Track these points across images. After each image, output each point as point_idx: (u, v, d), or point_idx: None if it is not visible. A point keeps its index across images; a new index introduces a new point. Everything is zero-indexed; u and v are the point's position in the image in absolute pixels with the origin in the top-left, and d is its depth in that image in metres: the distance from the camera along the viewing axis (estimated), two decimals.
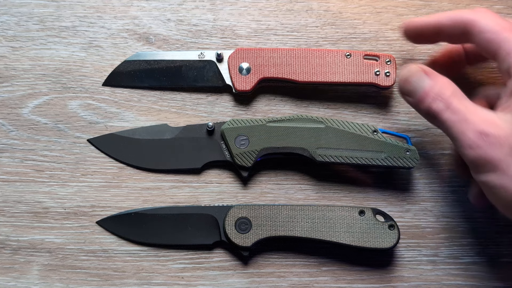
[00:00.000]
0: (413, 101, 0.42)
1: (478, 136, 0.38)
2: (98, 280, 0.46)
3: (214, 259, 0.46)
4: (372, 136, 0.46)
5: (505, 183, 0.37)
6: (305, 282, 0.46)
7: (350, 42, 0.51)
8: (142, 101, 0.50)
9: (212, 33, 0.51)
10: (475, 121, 0.38)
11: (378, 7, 0.52)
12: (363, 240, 0.44)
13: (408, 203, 0.48)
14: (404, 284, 0.46)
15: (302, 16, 0.52)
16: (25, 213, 0.47)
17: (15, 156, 0.48)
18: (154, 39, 0.51)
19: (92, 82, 0.50)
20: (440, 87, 0.41)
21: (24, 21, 0.51)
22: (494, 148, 0.37)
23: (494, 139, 0.38)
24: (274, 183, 0.48)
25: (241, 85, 0.49)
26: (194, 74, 0.50)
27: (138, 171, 0.48)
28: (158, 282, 0.46)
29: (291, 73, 0.48)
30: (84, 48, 0.50)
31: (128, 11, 0.51)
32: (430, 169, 0.48)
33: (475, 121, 0.38)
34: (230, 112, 0.50)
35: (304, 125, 0.47)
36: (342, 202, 0.48)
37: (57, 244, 0.46)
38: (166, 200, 0.48)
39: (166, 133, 0.48)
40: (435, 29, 0.44)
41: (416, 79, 0.42)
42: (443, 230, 0.47)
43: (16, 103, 0.49)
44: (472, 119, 0.39)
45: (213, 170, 0.48)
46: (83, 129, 0.49)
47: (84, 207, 0.47)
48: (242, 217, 0.45)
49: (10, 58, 0.50)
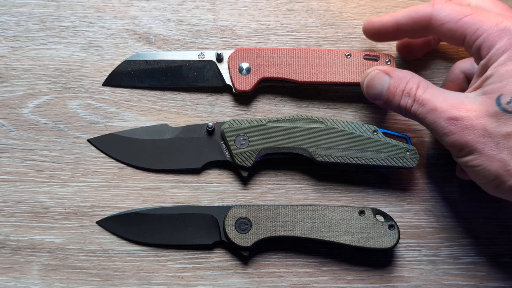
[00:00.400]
0: (382, 103, 0.43)
1: (450, 122, 0.39)
2: (98, 280, 0.46)
3: (214, 259, 0.46)
4: (372, 136, 0.46)
5: (483, 162, 0.39)
6: (305, 282, 0.46)
7: (350, 42, 0.51)
8: (142, 101, 0.50)
9: (212, 33, 0.51)
10: (445, 108, 0.39)
11: (378, 7, 0.52)
12: (363, 240, 0.44)
13: (408, 203, 0.48)
14: (404, 284, 0.46)
15: (302, 16, 0.52)
16: (25, 213, 0.47)
17: (15, 156, 0.48)
18: (154, 39, 0.51)
19: (92, 82, 0.50)
20: (403, 82, 0.42)
21: (24, 21, 0.51)
22: (467, 131, 0.39)
23: (465, 122, 0.39)
24: (274, 183, 0.48)
25: (241, 85, 0.49)
26: (194, 74, 0.50)
27: (138, 171, 0.48)
28: (158, 282, 0.46)
29: (291, 73, 0.48)
30: (84, 48, 0.50)
31: (128, 11, 0.51)
32: (430, 169, 0.48)
33: (445, 108, 0.39)
34: (230, 112, 0.50)
35: (304, 125, 0.47)
36: (342, 202, 0.48)
37: (57, 244, 0.46)
38: (166, 200, 0.48)
39: (166, 133, 0.48)
40: (393, 28, 0.44)
41: (377, 81, 0.43)
42: (443, 230, 0.47)
43: (16, 103, 0.49)
44: (441, 107, 0.40)
45: (213, 170, 0.48)
46: (83, 129, 0.49)
47: (84, 207, 0.47)
48: (242, 217, 0.45)
49: (10, 58, 0.50)
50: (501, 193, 0.40)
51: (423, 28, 0.43)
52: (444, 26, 0.41)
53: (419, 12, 0.42)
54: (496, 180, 0.39)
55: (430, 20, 0.42)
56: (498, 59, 0.38)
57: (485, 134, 0.38)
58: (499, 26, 0.39)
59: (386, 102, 0.43)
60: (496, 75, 0.38)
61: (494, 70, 0.39)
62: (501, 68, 0.38)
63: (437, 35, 0.43)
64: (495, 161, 0.38)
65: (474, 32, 0.40)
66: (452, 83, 0.46)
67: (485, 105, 0.39)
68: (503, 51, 0.38)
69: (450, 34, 0.41)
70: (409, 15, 0.43)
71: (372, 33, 0.47)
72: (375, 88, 0.43)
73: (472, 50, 0.41)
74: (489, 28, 0.39)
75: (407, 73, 0.42)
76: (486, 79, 0.39)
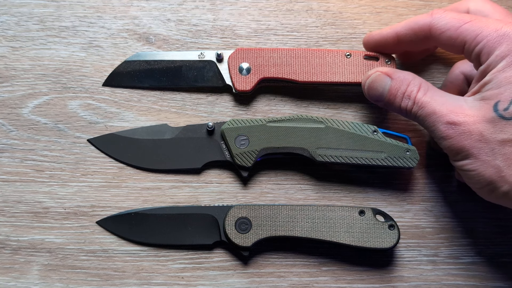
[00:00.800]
0: (383, 105, 0.44)
1: (448, 126, 0.40)
2: (98, 280, 0.46)
3: (214, 259, 0.46)
4: (372, 136, 0.46)
5: (478, 168, 0.39)
6: (305, 282, 0.46)
7: (350, 42, 0.51)
8: (142, 101, 0.50)
9: (212, 33, 0.51)
10: (444, 112, 0.40)
11: (378, 7, 0.52)
12: (363, 240, 0.44)
13: (408, 203, 0.48)
14: (404, 284, 0.46)
15: (302, 16, 0.52)
16: (25, 213, 0.47)
17: (15, 156, 0.48)
18: (154, 39, 0.51)
19: (92, 82, 0.50)
20: (404, 84, 0.42)
21: (24, 21, 0.51)
22: (465, 136, 0.39)
23: (463, 127, 0.39)
24: (274, 183, 0.48)
25: (241, 85, 0.49)
26: (194, 74, 0.50)
27: (138, 171, 0.48)
28: (158, 282, 0.46)
29: (291, 73, 0.48)
30: (84, 48, 0.50)
31: (128, 11, 0.51)
32: (430, 169, 0.48)
33: (444, 112, 0.40)
34: (230, 112, 0.50)
35: (304, 125, 0.47)
36: (342, 202, 0.48)
37: (57, 244, 0.46)
38: (166, 200, 0.48)
39: (166, 133, 0.48)
40: (393, 40, 0.45)
41: (378, 83, 0.43)
42: (443, 230, 0.47)
43: (16, 103, 0.49)
44: (440, 110, 0.40)
45: (213, 170, 0.48)
46: (83, 129, 0.49)
47: (84, 207, 0.47)
48: (242, 217, 0.45)
49: (10, 58, 0.50)
50: (495, 199, 0.40)
51: (423, 38, 0.43)
52: (444, 34, 0.41)
53: (418, 22, 0.42)
54: (490, 185, 0.39)
55: (430, 30, 0.42)
56: (497, 65, 0.39)
57: (481, 140, 0.39)
58: (499, 32, 0.39)
59: (387, 104, 0.43)
60: (495, 81, 0.39)
61: (492, 76, 0.39)
62: (500, 75, 0.38)
63: (438, 44, 0.43)
64: (489, 166, 0.39)
65: (473, 38, 0.40)
66: (452, 84, 0.46)
67: (482, 110, 0.39)
68: (502, 57, 0.38)
69: (450, 42, 0.41)
70: (408, 26, 0.43)
71: (372, 46, 0.47)
72: (376, 90, 0.43)
73: (472, 56, 0.41)
74: (488, 34, 0.39)
75: (408, 75, 0.42)
76: (485, 84, 0.39)
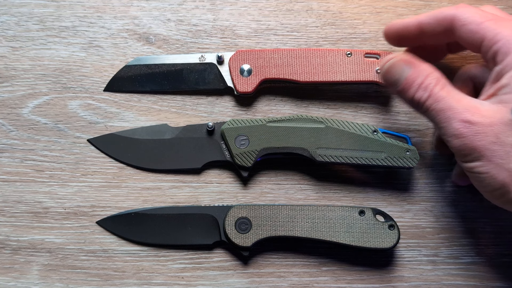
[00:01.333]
0: (397, 91, 0.42)
1: (463, 125, 0.38)
2: (98, 280, 0.46)
3: (214, 259, 0.46)
4: (372, 136, 0.46)
5: (490, 170, 0.38)
6: (305, 282, 0.46)
7: (350, 42, 0.51)
8: (142, 101, 0.50)
9: (212, 33, 0.51)
10: (459, 109, 0.39)
11: (378, 7, 0.52)
12: (363, 240, 0.44)
13: (408, 203, 0.48)
14: (404, 284, 0.46)
15: (302, 16, 0.52)
16: (25, 213, 0.47)
17: (15, 156, 0.48)
18: (154, 39, 0.51)
19: (92, 82, 0.50)
20: (422, 75, 0.41)
21: (24, 21, 0.51)
22: (479, 136, 0.38)
23: (478, 127, 0.38)
24: (274, 183, 0.48)
25: (243, 87, 0.49)
26: (195, 77, 0.50)
27: (138, 171, 0.48)
28: (158, 282, 0.46)
29: (292, 74, 0.48)
30: (84, 48, 0.50)
31: (128, 11, 0.51)
32: (430, 169, 0.48)
33: (459, 109, 0.39)
34: (230, 112, 0.50)
35: (304, 125, 0.47)
36: (342, 202, 0.48)
37: (57, 244, 0.46)
38: (166, 200, 0.48)
39: (166, 133, 0.48)
40: (416, 29, 0.44)
41: (397, 69, 0.42)
42: (443, 230, 0.47)
43: (16, 103, 0.49)
44: (456, 107, 0.39)
45: (213, 170, 0.48)
46: (83, 129, 0.49)
47: (84, 207, 0.47)
48: (242, 217, 0.45)
49: (10, 58, 0.50)
50: (504, 203, 0.39)
51: (444, 29, 0.42)
52: (465, 27, 0.41)
53: (443, 12, 0.42)
54: (501, 189, 0.38)
55: (452, 20, 0.41)
56: None
57: (496, 142, 0.38)
58: None
59: (400, 91, 0.42)
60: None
61: (510, 79, 0.38)
62: None
63: (457, 37, 0.42)
64: (503, 170, 0.38)
65: (492, 36, 0.39)
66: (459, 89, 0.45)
67: (500, 113, 0.38)
68: None
69: (469, 35, 0.41)
70: (433, 15, 0.43)
71: (393, 37, 0.46)
72: (393, 75, 0.42)
73: (488, 54, 0.40)
74: (508, 35, 0.39)
75: (429, 67, 0.41)
76: (502, 87, 0.39)
